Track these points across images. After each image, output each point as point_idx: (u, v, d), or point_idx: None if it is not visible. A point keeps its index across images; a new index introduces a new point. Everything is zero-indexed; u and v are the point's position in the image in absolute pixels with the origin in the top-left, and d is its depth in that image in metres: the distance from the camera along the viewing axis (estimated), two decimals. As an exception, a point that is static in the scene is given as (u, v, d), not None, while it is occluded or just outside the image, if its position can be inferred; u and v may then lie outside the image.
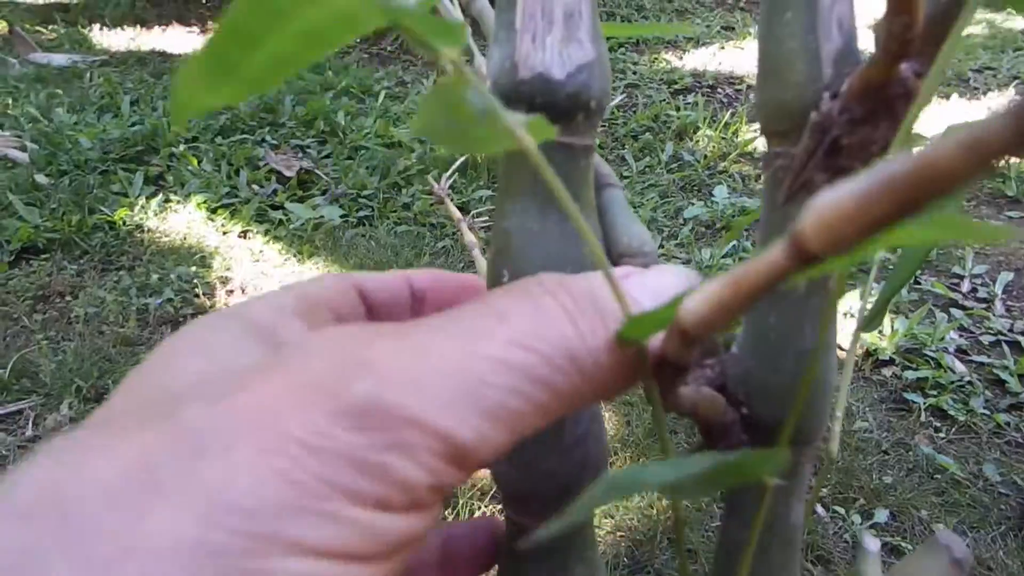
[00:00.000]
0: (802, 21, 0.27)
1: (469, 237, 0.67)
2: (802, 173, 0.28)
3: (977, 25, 3.89)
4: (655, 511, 1.10)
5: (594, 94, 0.30)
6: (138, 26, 3.80)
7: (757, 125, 2.63)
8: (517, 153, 0.32)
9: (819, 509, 1.09)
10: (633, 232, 0.35)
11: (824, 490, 1.12)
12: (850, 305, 1.62)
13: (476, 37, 0.44)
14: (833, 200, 0.14)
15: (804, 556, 1.02)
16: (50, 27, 3.71)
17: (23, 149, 2.30)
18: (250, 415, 0.16)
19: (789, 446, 0.30)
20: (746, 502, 0.32)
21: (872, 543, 0.37)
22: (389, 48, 3.47)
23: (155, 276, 1.69)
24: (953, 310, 1.61)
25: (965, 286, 1.72)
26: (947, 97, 3.00)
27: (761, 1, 0.29)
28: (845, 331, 1.55)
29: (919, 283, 1.72)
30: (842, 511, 1.10)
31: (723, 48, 3.45)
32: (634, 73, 3.09)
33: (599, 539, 1.06)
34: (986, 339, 1.52)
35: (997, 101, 2.94)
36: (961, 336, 1.53)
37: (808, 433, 0.30)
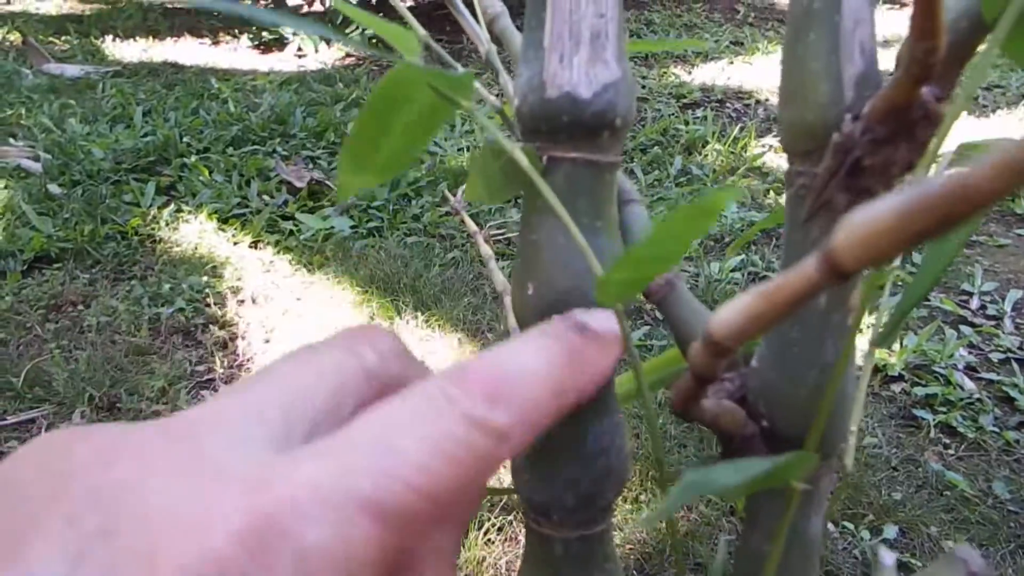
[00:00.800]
0: (825, 44, 0.28)
1: (485, 249, 0.68)
2: (823, 192, 0.28)
3: (984, 43, 3.90)
4: (663, 524, 1.10)
5: (619, 112, 0.31)
6: (150, 37, 3.84)
7: (766, 140, 2.64)
8: (543, 171, 0.33)
9: (829, 525, 1.09)
10: (655, 247, 0.36)
11: (833, 506, 1.12)
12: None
13: (500, 51, 0.45)
14: (868, 217, 0.15)
15: (814, 572, 1.02)
16: (63, 38, 3.75)
17: (36, 159, 2.32)
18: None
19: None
20: (766, 514, 0.32)
21: (888, 557, 0.37)
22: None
23: (167, 286, 1.70)
24: (962, 327, 1.61)
25: (974, 303, 1.72)
26: (955, 115, 3.01)
27: (787, 24, 0.30)
28: (858, 347, 1.55)
29: (928, 300, 1.72)
30: (851, 527, 1.10)
31: (732, 63, 3.46)
32: (643, 87, 3.11)
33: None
34: (995, 356, 1.52)
35: (1006, 119, 2.95)
36: (970, 353, 1.53)
37: (828, 447, 0.31)
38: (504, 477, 1.07)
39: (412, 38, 0.28)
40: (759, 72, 3.36)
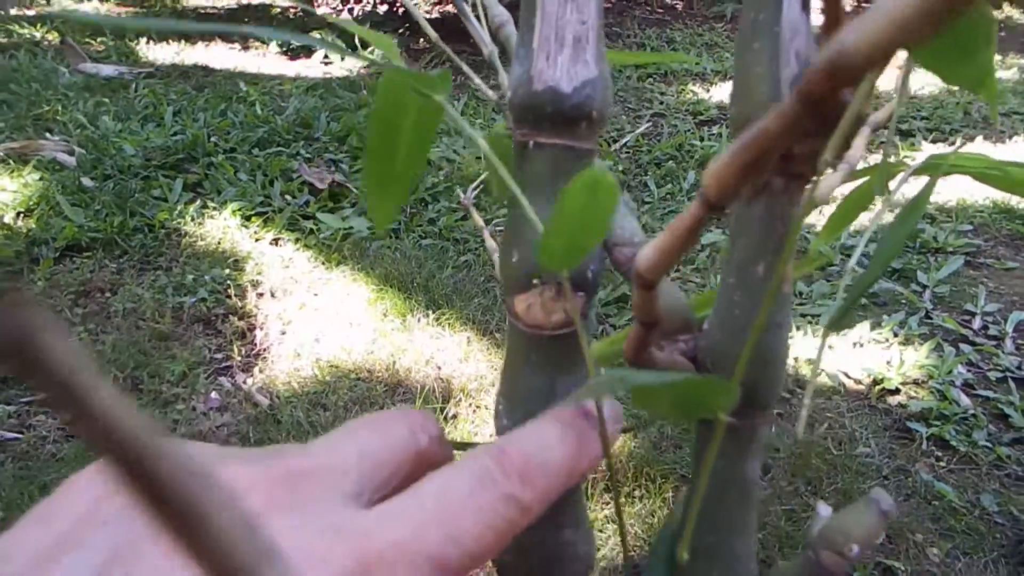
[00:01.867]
0: (766, 51, 0.33)
1: (491, 243, 0.73)
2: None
3: (1008, 70, 3.92)
4: (656, 519, 1.14)
5: (596, 106, 0.36)
6: (183, 41, 3.94)
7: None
8: (525, 159, 0.38)
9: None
10: (626, 225, 0.41)
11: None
12: (860, 334, 1.66)
13: (503, 57, 0.51)
14: (717, 161, 0.20)
15: (798, 568, 1.06)
16: (99, 40, 3.86)
17: (71, 153, 2.41)
18: None
19: (747, 409, 0.35)
20: (710, 459, 0.37)
21: (824, 509, 0.42)
22: (423, 69, 3.57)
23: (190, 277, 1.77)
24: (963, 346, 1.64)
25: (977, 323, 1.74)
26: (972, 139, 3.03)
27: (737, 34, 0.35)
28: (855, 360, 1.59)
29: (931, 318, 1.76)
30: (839, 529, 1.13)
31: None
32: (661, 103, 3.16)
33: (601, 543, 1.11)
34: (994, 375, 1.54)
35: (1023, 146, 2.96)
36: (969, 371, 1.56)
37: (763, 398, 0.35)
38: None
39: (391, 43, 0.34)
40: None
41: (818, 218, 2.08)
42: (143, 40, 3.88)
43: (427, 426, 0.29)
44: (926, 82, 3.60)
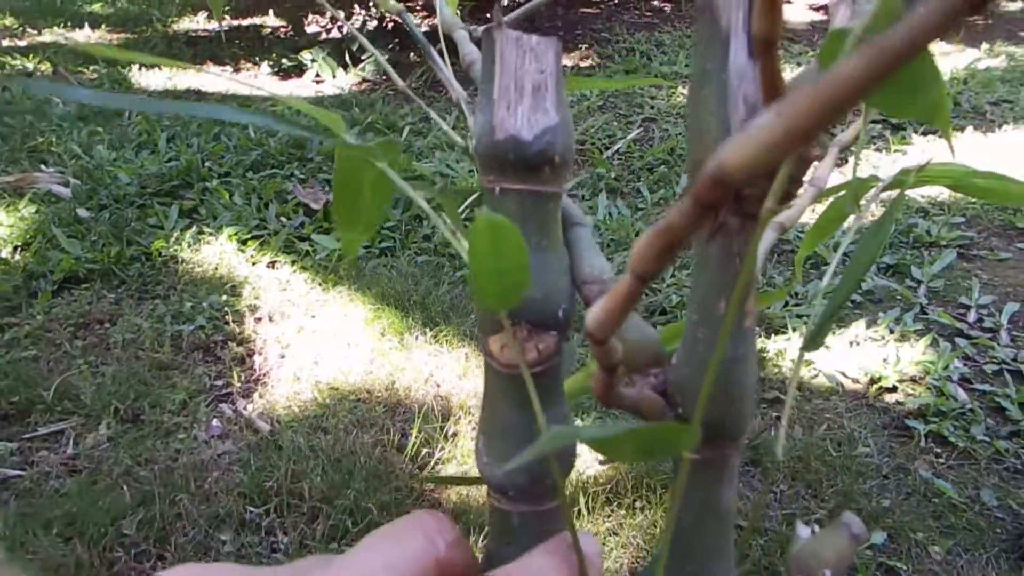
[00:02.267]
0: (715, 97, 0.34)
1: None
2: (717, 216, 0.34)
3: (996, 58, 3.93)
4: (658, 529, 1.15)
5: (557, 151, 0.38)
6: (174, 66, 3.96)
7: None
8: (494, 204, 0.40)
9: (817, 530, 1.13)
10: (595, 263, 0.42)
11: (822, 512, 1.17)
12: (856, 333, 1.66)
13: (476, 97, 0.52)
14: (640, 242, 0.21)
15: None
16: (91, 67, 3.88)
17: (66, 185, 2.42)
18: None
19: (717, 441, 0.36)
20: (687, 490, 0.38)
21: (803, 530, 0.43)
22: (414, 86, 3.59)
23: (188, 304, 1.78)
24: (958, 339, 1.65)
25: (971, 316, 1.75)
26: (962, 130, 3.03)
27: (690, 80, 0.36)
28: (852, 359, 1.59)
29: (926, 313, 1.76)
30: (839, 532, 1.14)
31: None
32: (652, 108, 3.18)
33: (605, 555, 1.11)
34: (990, 368, 1.55)
35: (1012, 134, 2.97)
36: (965, 365, 1.57)
37: (732, 430, 0.36)
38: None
39: (339, 120, 0.37)
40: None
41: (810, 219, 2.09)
42: (135, 67, 3.90)
43: (443, 531, 0.31)
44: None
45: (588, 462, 1.29)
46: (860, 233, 0.49)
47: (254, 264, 1.98)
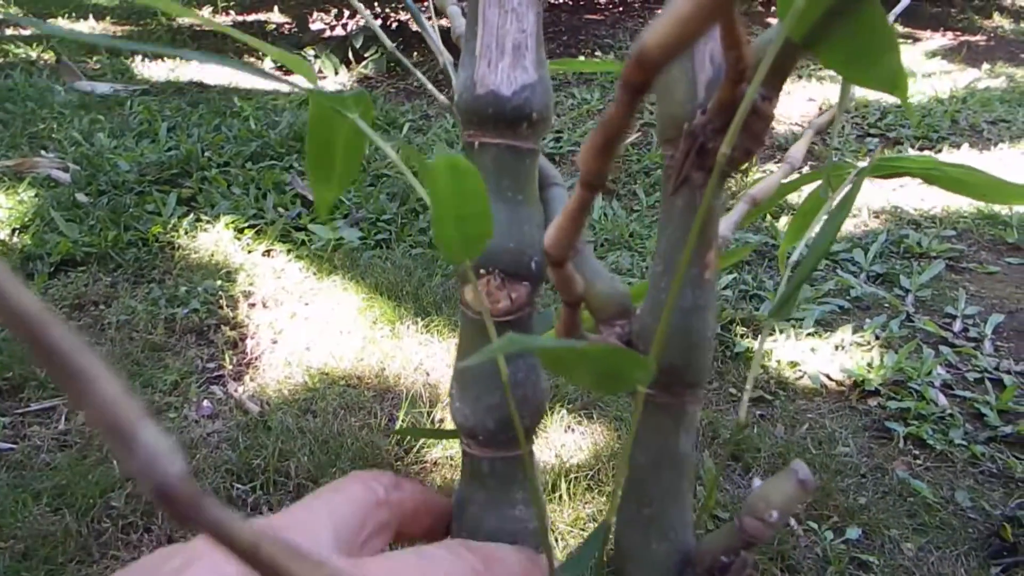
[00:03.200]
0: (683, 56, 0.36)
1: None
2: (682, 171, 0.36)
3: (997, 78, 3.96)
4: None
5: (535, 108, 0.40)
6: (177, 58, 3.99)
7: (767, 166, 2.72)
8: (473, 158, 0.41)
9: (793, 523, 1.15)
10: (568, 219, 0.44)
11: (799, 507, 1.18)
12: (842, 337, 1.68)
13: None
14: (583, 148, 0.23)
15: (774, 564, 1.08)
16: (95, 58, 3.91)
17: (65, 170, 2.44)
18: None
19: (676, 387, 0.38)
20: (644, 432, 0.40)
21: (758, 482, 0.45)
22: (415, 84, 3.62)
23: (183, 288, 1.80)
24: (942, 347, 1.67)
25: (957, 325, 1.77)
26: (958, 147, 3.06)
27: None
28: (837, 362, 1.61)
29: (912, 321, 1.79)
30: (815, 527, 1.16)
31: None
32: (650, 112, 3.20)
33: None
34: (972, 376, 1.57)
35: (1008, 153, 3.00)
36: (948, 372, 1.59)
37: (691, 376, 0.38)
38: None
39: (308, 67, 0.39)
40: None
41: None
42: (138, 57, 3.93)
43: (379, 478, 0.35)
44: (915, 90, 3.65)
45: (571, 451, 1.31)
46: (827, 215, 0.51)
47: (250, 252, 2.00)
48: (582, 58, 4.13)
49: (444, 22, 0.54)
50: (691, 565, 0.39)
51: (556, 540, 1.15)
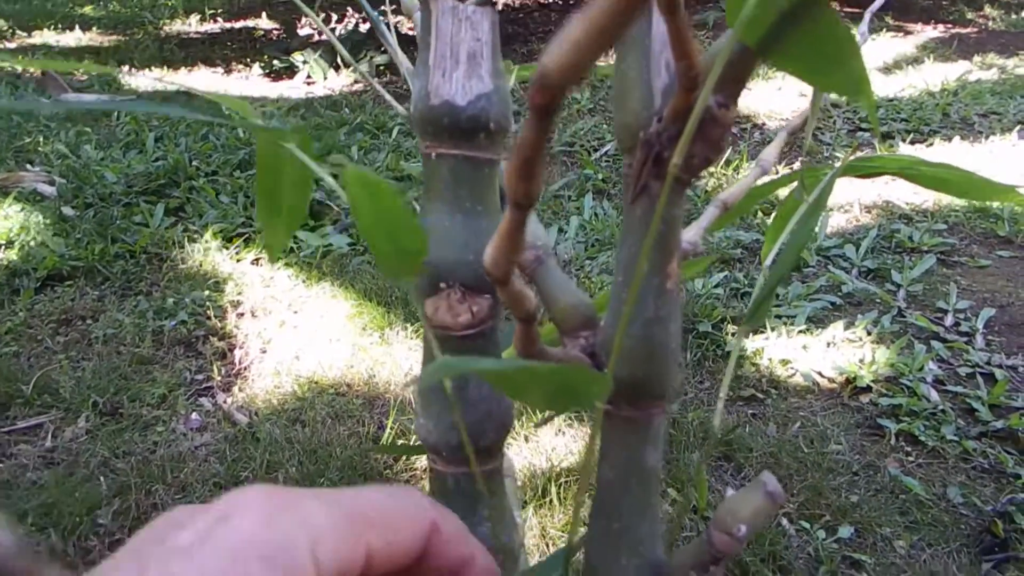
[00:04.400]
0: (639, 63, 0.35)
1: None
2: (639, 180, 0.36)
3: (988, 70, 3.96)
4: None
5: (492, 117, 0.39)
6: (165, 67, 3.98)
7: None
8: (430, 169, 0.41)
9: (785, 523, 1.15)
10: (530, 230, 0.44)
11: (791, 506, 1.18)
12: (834, 334, 1.68)
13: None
14: (506, 168, 0.22)
15: (766, 565, 1.07)
16: (81, 70, 3.88)
17: (51, 184, 2.43)
18: None
19: (642, 400, 0.37)
20: (610, 447, 0.39)
21: (730, 492, 0.44)
22: (405, 87, 3.61)
23: (171, 300, 1.79)
24: (934, 342, 1.67)
25: (948, 320, 1.77)
26: (949, 139, 3.06)
27: (615, 47, 0.37)
28: (829, 359, 1.61)
29: (904, 316, 1.78)
30: (808, 526, 1.15)
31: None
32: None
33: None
34: (963, 371, 1.57)
35: (999, 145, 2.99)
36: (940, 367, 1.58)
37: (655, 388, 0.37)
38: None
39: (245, 106, 0.39)
40: (758, 97, 3.44)
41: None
42: (126, 68, 3.91)
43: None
44: (907, 83, 3.65)
45: (562, 454, 1.30)
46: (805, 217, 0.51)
47: (238, 261, 1.99)
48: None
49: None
50: (661, 580, 0.38)
51: (547, 545, 1.14)
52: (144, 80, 3.74)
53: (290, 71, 3.90)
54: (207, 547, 0.23)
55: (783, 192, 0.53)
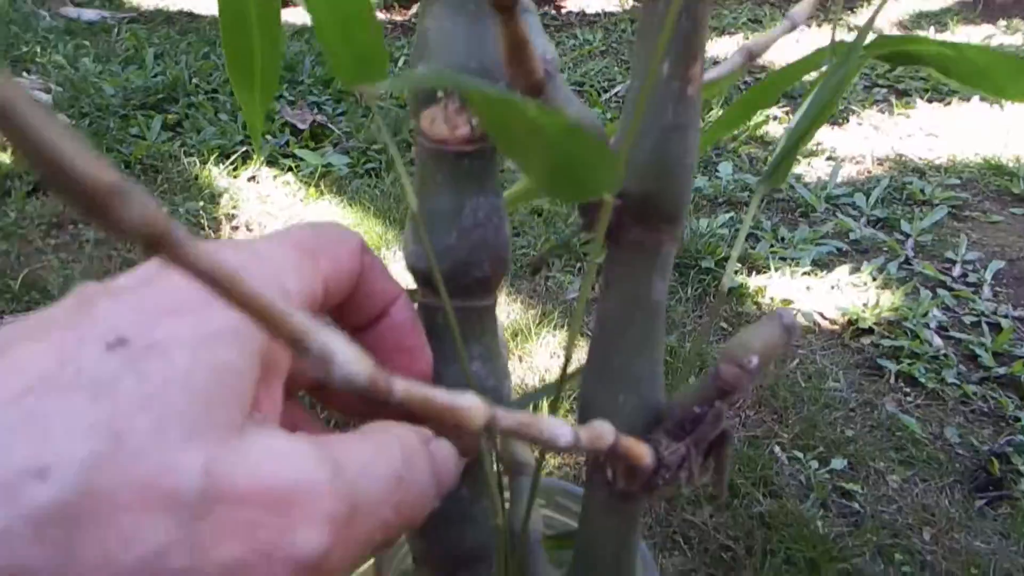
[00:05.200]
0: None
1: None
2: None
3: (1012, 35, 3.86)
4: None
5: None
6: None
7: (769, 110, 2.65)
8: None
9: (777, 450, 1.13)
10: (539, 44, 0.40)
11: (785, 437, 1.16)
12: (838, 278, 1.65)
13: None
14: None
15: (756, 488, 1.06)
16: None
17: (47, 91, 2.37)
18: None
19: (651, 221, 0.34)
20: (616, 277, 0.36)
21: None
22: (412, 19, 3.52)
23: (164, 209, 1.75)
24: (940, 291, 1.64)
25: (956, 270, 1.74)
26: (968, 100, 2.98)
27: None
28: (832, 302, 1.58)
29: (911, 264, 1.75)
30: (801, 456, 1.13)
31: (747, 38, 3.46)
32: None
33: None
34: (968, 319, 1.54)
35: (1019, 107, 2.93)
36: (944, 314, 1.55)
37: (667, 208, 0.34)
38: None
39: None
40: (772, 50, 3.36)
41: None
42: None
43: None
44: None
45: (555, 375, 1.28)
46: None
47: (235, 177, 1.95)
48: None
49: None
50: (661, 420, 0.36)
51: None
52: (147, -3, 3.64)
53: (297, -3, 3.80)
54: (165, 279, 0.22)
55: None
